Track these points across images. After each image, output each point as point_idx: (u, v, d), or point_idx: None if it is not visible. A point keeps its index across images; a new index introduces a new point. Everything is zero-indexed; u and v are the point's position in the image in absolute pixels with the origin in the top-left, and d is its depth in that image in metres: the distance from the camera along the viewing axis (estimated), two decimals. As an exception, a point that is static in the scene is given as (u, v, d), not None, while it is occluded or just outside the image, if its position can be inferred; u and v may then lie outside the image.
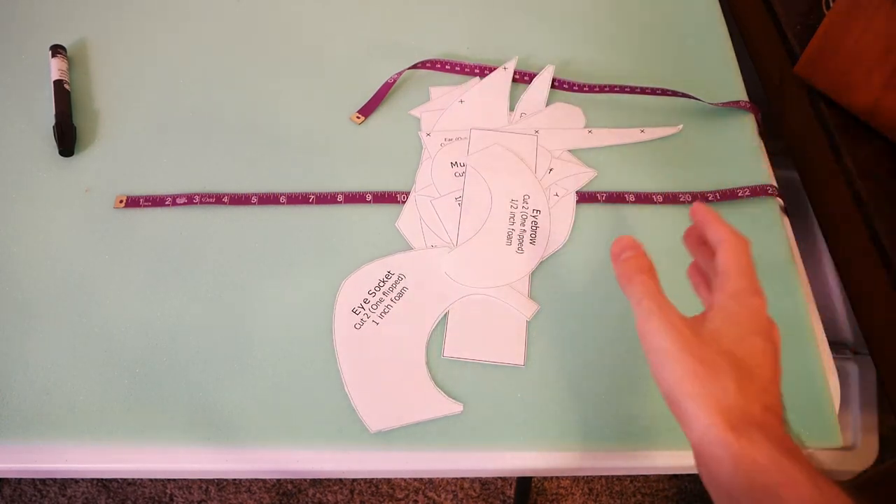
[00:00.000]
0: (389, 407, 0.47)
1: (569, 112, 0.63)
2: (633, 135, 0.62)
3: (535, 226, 0.55)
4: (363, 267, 0.52)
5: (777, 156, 0.63)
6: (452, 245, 0.54)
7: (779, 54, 0.67)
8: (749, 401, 0.31)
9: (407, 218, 0.56)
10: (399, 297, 0.51)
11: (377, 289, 0.51)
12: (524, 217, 0.55)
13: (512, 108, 0.63)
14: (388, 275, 0.52)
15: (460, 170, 0.58)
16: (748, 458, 0.29)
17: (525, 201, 0.56)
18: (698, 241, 0.40)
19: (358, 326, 0.50)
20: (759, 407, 0.31)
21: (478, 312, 0.51)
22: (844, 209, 0.57)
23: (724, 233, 0.36)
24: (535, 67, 0.65)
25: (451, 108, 0.62)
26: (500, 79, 0.65)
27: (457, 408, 0.47)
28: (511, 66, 0.65)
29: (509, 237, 0.54)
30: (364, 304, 0.51)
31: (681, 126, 0.62)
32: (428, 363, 0.48)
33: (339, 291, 0.51)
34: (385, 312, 0.50)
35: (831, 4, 0.60)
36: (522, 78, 0.65)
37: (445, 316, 0.51)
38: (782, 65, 0.66)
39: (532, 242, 0.54)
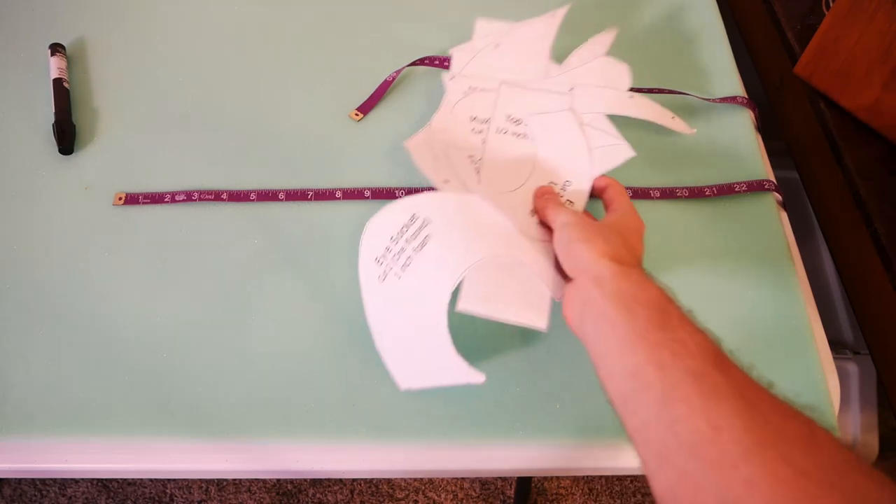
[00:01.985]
0: (416, 366, 0.43)
1: (613, 69, 0.55)
2: (664, 116, 0.56)
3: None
4: (388, 207, 0.47)
5: (777, 156, 0.63)
6: (471, 187, 0.47)
7: (779, 54, 0.67)
8: (629, 259, 0.41)
9: (419, 143, 0.50)
10: (421, 247, 0.45)
11: (400, 235, 0.45)
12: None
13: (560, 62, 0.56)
14: (413, 218, 0.46)
15: (479, 126, 0.52)
16: (627, 273, 0.38)
17: (564, 188, 0.50)
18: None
19: (381, 279, 0.45)
20: (635, 265, 0.41)
21: (503, 271, 0.45)
22: (844, 209, 0.57)
23: (609, 179, 0.50)
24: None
25: (483, 51, 0.55)
26: (545, 26, 0.56)
27: (479, 377, 0.43)
28: (560, 14, 0.57)
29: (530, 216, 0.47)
30: (386, 253, 0.45)
31: (694, 130, 0.59)
32: (450, 327, 0.44)
33: (363, 234, 0.47)
34: (406, 265, 0.45)
35: (831, 4, 0.60)
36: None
37: None
38: (782, 65, 0.66)
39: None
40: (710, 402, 0.30)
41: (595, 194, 0.51)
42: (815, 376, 0.49)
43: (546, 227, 0.48)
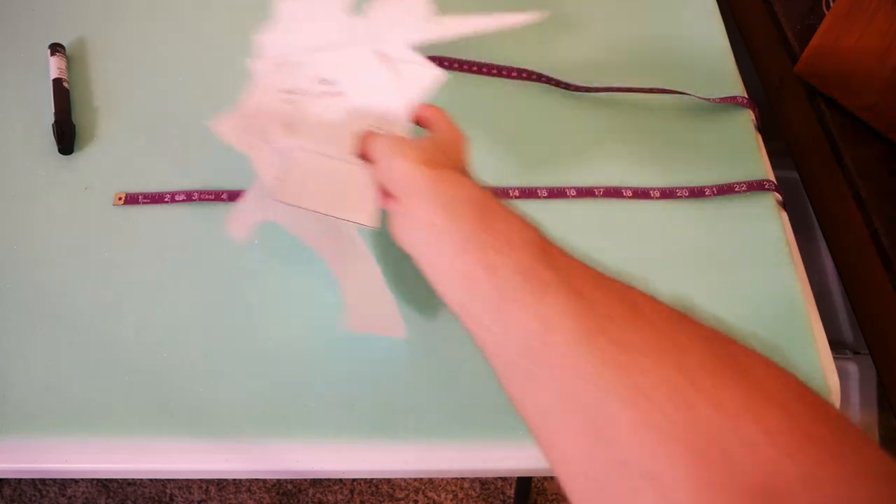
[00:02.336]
0: None
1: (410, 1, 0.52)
2: (488, 23, 0.52)
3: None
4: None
5: (777, 156, 0.63)
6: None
7: (779, 54, 0.67)
8: (446, 164, 0.40)
9: (229, 127, 0.48)
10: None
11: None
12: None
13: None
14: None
15: (292, 98, 0.50)
16: (443, 175, 0.37)
17: (385, 128, 0.48)
18: None
19: None
20: (452, 168, 0.40)
21: (326, 168, 0.44)
22: (844, 209, 0.57)
23: (426, 105, 0.48)
24: (530, 62, 0.65)
25: (285, 29, 0.54)
26: None
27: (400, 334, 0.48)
28: None
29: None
30: None
31: (536, 15, 0.52)
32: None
33: None
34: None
35: (831, 4, 0.60)
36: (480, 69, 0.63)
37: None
38: (782, 65, 0.66)
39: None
40: (539, 298, 0.29)
41: (418, 124, 0.49)
42: (815, 376, 0.49)
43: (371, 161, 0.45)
